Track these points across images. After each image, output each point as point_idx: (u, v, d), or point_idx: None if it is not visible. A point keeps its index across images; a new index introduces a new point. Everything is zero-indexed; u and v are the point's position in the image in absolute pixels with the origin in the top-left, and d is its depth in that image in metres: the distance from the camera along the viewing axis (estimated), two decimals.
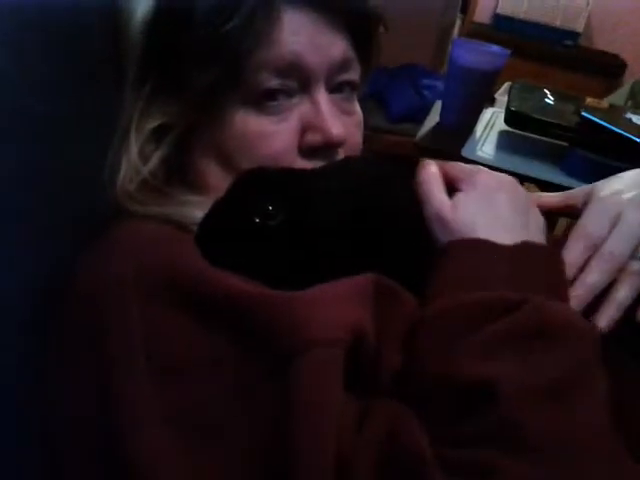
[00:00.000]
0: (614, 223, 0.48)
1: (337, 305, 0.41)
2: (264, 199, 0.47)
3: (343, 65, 0.55)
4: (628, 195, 0.50)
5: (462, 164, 0.52)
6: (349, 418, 0.37)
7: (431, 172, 0.51)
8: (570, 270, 0.47)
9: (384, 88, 2.03)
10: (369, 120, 0.62)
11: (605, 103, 1.25)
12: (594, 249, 0.48)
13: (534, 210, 0.52)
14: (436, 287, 0.45)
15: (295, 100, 0.54)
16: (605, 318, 0.46)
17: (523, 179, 1.09)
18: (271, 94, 0.52)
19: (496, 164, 1.12)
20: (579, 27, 3.18)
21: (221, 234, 0.47)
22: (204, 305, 0.41)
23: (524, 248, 0.45)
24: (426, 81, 1.98)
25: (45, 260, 0.48)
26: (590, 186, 0.53)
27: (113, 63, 0.54)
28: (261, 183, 0.48)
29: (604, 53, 3.23)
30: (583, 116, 1.05)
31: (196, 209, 0.51)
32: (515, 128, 1.14)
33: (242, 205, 0.47)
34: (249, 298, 0.40)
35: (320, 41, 0.53)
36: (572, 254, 0.48)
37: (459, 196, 0.49)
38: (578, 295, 0.46)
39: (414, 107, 1.93)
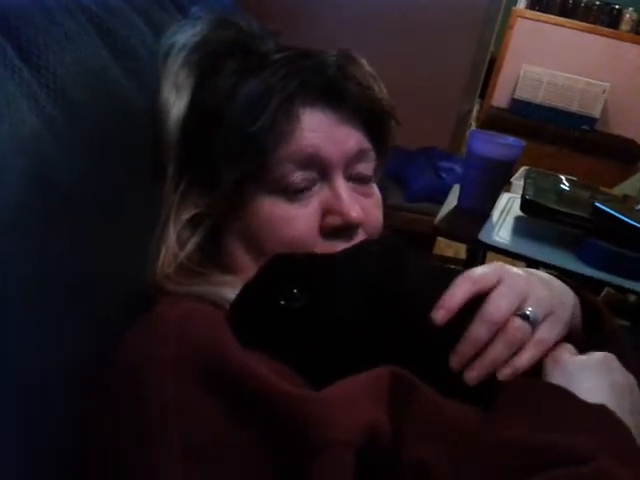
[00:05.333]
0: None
1: (352, 405, 0.42)
2: (290, 283, 0.50)
3: (359, 155, 0.60)
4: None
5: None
6: None
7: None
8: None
9: (404, 169, 2.10)
10: (388, 198, 0.66)
11: (619, 192, 1.28)
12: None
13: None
14: (516, 419, 0.45)
15: (316, 188, 0.58)
16: (475, 374, 0.48)
17: (539, 265, 1.11)
18: (294, 187, 0.57)
19: (512, 249, 1.14)
20: (596, 112, 3.26)
21: (250, 315, 0.50)
22: (237, 396, 0.42)
23: (606, 412, 0.45)
24: (444, 163, 2.05)
25: (89, 340, 0.50)
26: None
27: (153, 159, 0.59)
28: (288, 267, 0.52)
29: (620, 138, 3.30)
30: (596, 206, 1.08)
31: (228, 289, 0.54)
32: (531, 216, 1.17)
33: (269, 288, 0.50)
34: (274, 394, 0.42)
35: (336, 135, 0.58)
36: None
37: (582, 356, 0.51)
38: (462, 352, 0.49)
39: (432, 188, 1.99)
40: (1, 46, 0.44)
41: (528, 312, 0.50)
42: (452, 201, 1.38)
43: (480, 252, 1.53)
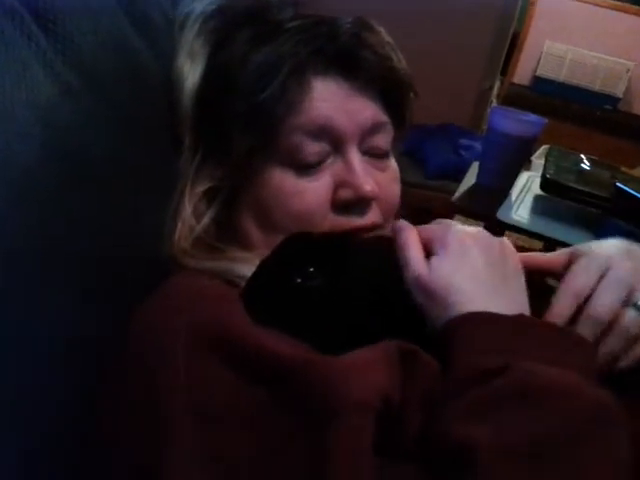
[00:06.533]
0: (602, 275, 0.49)
1: (370, 372, 0.42)
2: (306, 261, 0.50)
3: (374, 128, 0.58)
4: (612, 250, 0.51)
5: (434, 226, 0.52)
6: None
7: (407, 235, 0.50)
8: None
9: (422, 145, 2.08)
10: (406, 175, 0.64)
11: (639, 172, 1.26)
12: (583, 302, 0.48)
13: (511, 261, 0.50)
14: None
15: (328, 161, 0.57)
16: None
17: (558, 244, 1.11)
18: (306, 161, 0.56)
19: (531, 228, 1.13)
20: (619, 92, 3.20)
21: (264, 292, 0.50)
22: (247, 364, 0.42)
23: (517, 320, 0.45)
24: (464, 141, 2.03)
25: (102, 310, 0.50)
26: (572, 248, 0.53)
27: (170, 130, 0.59)
28: (305, 245, 0.52)
29: None
30: (617, 187, 1.06)
31: (244, 265, 0.54)
32: (550, 195, 1.15)
33: (285, 266, 0.51)
34: (290, 361, 0.42)
35: (350, 106, 0.56)
36: (561, 310, 0.48)
37: (433, 258, 0.48)
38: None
39: (450, 165, 1.97)
40: (18, 13, 0.44)
41: None
42: (471, 178, 1.37)
43: (498, 231, 1.52)
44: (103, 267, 0.51)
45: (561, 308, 0.48)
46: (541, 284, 0.55)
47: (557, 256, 0.54)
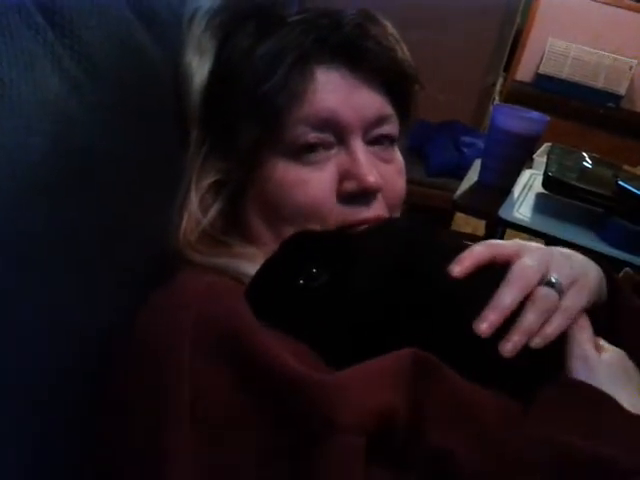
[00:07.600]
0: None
1: (366, 390, 0.41)
2: (309, 261, 0.50)
3: (379, 121, 0.58)
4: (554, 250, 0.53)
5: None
6: None
7: (586, 326, 0.52)
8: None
9: (425, 142, 2.08)
10: (407, 172, 0.64)
11: None
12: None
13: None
14: (555, 419, 0.45)
15: (333, 152, 0.57)
16: (510, 346, 0.46)
17: (559, 243, 1.10)
18: (309, 147, 0.56)
19: (532, 226, 1.13)
20: (622, 89, 3.18)
21: (268, 293, 0.50)
22: (250, 367, 0.42)
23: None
24: (466, 138, 2.02)
25: (109, 303, 0.50)
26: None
27: (177, 124, 0.59)
28: (308, 245, 0.51)
29: None
30: (619, 185, 1.06)
31: (249, 263, 0.54)
32: (553, 193, 1.15)
33: (288, 266, 0.50)
34: (284, 372, 0.41)
35: (354, 98, 0.56)
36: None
37: (605, 355, 0.50)
38: (490, 319, 0.47)
39: (453, 163, 1.97)
40: (24, 5, 0.43)
41: (553, 279, 0.49)
42: (473, 176, 1.37)
43: (499, 229, 1.52)
44: (109, 263, 0.50)
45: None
46: None
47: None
